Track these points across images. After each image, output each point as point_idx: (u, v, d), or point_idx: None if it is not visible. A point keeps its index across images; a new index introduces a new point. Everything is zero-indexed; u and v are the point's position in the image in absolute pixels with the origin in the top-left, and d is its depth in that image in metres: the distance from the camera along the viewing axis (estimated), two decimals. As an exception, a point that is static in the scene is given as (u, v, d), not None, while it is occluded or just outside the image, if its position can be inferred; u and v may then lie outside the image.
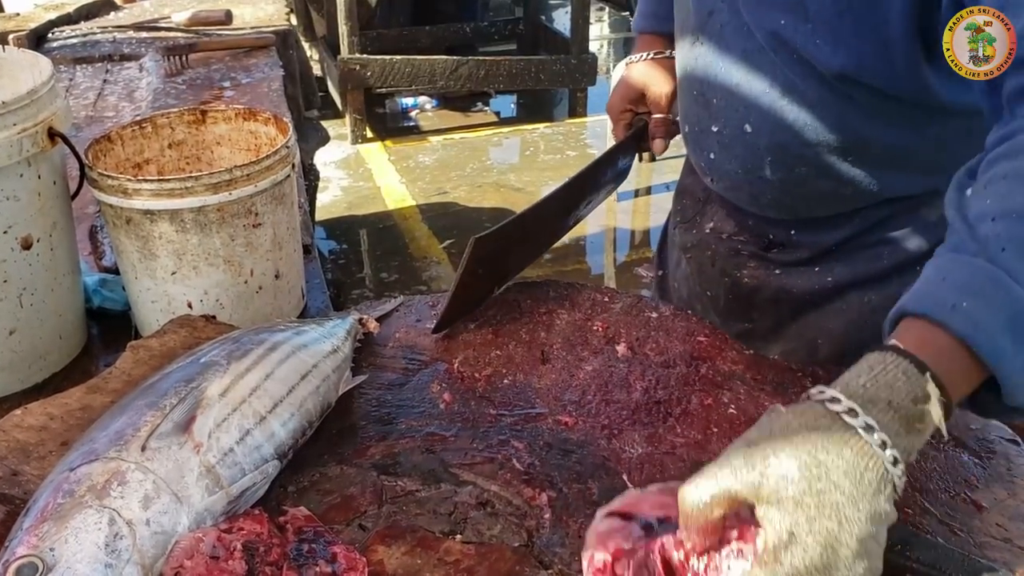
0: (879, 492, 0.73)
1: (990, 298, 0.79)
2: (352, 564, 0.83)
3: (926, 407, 0.76)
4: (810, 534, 0.71)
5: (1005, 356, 0.78)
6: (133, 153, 1.47)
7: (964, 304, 0.79)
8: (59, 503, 0.83)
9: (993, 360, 0.78)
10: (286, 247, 1.38)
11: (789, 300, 1.40)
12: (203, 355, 1.02)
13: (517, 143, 6.09)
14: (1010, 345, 0.78)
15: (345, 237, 4.87)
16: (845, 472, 0.73)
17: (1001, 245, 0.80)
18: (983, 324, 0.78)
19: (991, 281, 0.79)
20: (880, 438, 0.74)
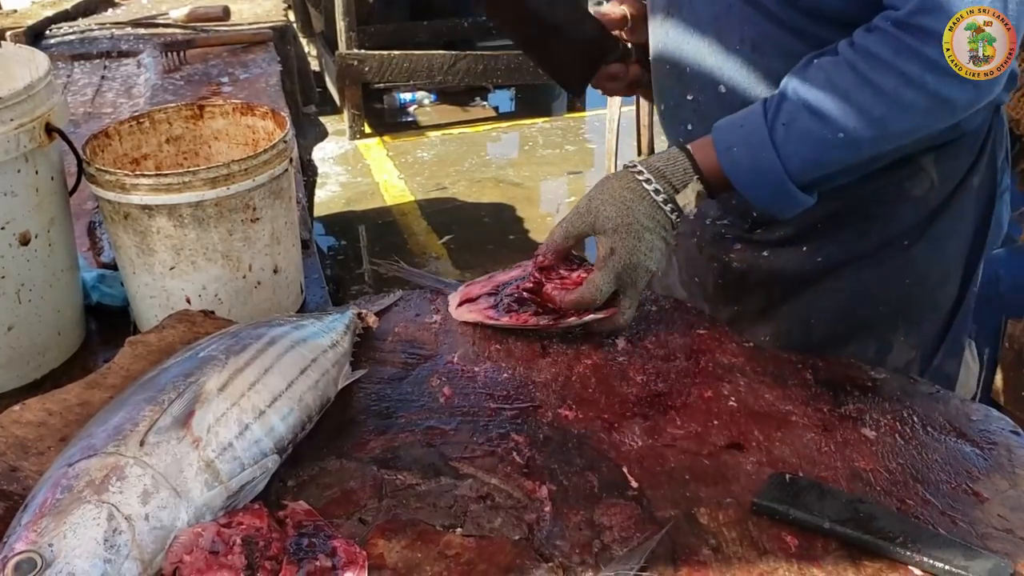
0: (662, 227, 1.19)
1: (753, 152, 1.15)
2: (352, 558, 0.82)
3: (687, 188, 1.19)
4: (623, 247, 1.18)
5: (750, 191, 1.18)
6: (131, 148, 1.47)
7: (735, 149, 1.17)
8: (57, 498, 0.82)
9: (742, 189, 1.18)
10: (284, 242, 1.38)
11: (781, 282, 1.40)
12: (201, 350, 1.02)
13: (516, 138, 6.09)
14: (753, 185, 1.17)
15: (344, 233, 4.87)
16: (644, 213, 1.18)
17: (784, 120, 1.13)
18: (739, 167, 1.17)
19: (760, 143, 1.14)
20: (663, 197, 1.18)
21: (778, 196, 1.17)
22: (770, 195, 1.17)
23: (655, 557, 0.86)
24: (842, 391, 1.12)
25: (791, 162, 1.13)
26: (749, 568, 0.86)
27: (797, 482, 0.94)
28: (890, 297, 1.35)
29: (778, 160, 1.13)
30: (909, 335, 1.36)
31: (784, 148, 1.13)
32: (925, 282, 1.34)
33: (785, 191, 1.16)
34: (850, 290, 1.35)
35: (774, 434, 1.05)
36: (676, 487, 0.97)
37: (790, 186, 1.15)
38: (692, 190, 1.18)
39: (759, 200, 1.18)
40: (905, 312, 1.35)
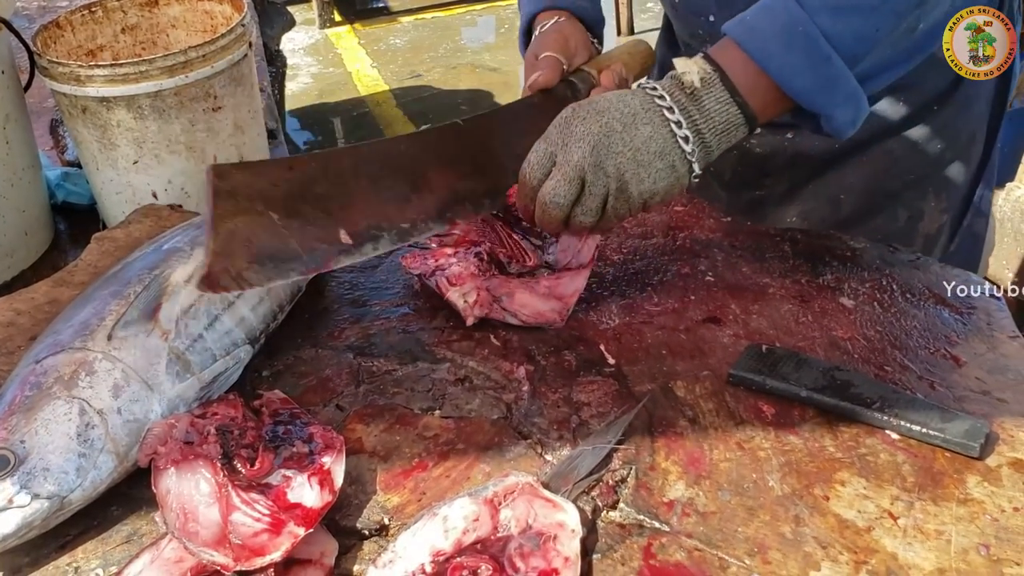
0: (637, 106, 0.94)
1: (773, 13, 0.93)
2: (330, 443, 0.82)
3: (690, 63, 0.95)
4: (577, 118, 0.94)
5: (775, 61, 0.93)
6: (85, 40, 1.41)
7: (748, 18, 0.95)
8: (27, 395, 0.81)
9: (766, 64, 0.93)
10: (249, 131, 1.34)
11: (805, 163, 1.34)
12: (165, 242, 1.00)
13: (492, 21, 5.94)
14: (780, 50, 0.93)
15: (318, 127, 4.78)
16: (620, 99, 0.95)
17: None
18: (761, 32, 0.94)
19: (779, 1, 0.93)
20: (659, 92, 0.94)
21: (816, 65, 0.93)
22: (807, 65, 0.93)
23: (632, 430, 0.87)
24: (820, 262, 1.11)
25: (820, 14, 0.92)
26: (726, 438, 0.86)
27: (774, 352, 0.94)
28: (920, 164, 1.30)
29: (802, 10, 0.92)
30: (939, 200, 1.33)
31: (816, 12, 0.92)
32: (955, 144, 1.30)
33: (822, 56, 0.93)
34: (880, 163, 1.30)
35: (751, 307, 1.04)
36: (653, 362, 0.96)
37: (826, 47, 0.92)
38: (692, 63, 0.95)
39: (794, 76, 0.93)
40: (934, 178, 1.32)
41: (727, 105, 0.95)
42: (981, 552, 0.74)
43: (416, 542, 0.74)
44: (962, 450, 0.83)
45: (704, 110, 0.94)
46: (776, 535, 0.77)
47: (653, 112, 0.94)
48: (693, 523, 0.78)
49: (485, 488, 0.78)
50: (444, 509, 0.76)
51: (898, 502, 0.79)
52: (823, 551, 0.75)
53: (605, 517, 0.79)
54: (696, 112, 0.94)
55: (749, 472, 0.83)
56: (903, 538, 0.76)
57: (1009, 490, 0.80)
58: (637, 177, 0.94)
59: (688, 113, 0.94)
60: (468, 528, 0.75)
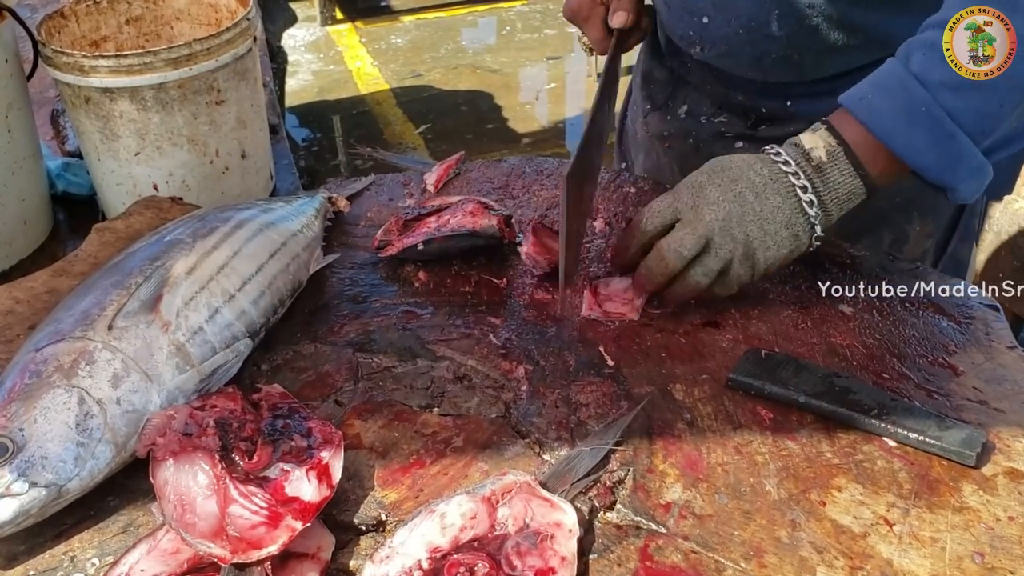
0: (768, 176, 0.98)
1: (893, 93, 0.95)
2: (328, 437, 0.82)
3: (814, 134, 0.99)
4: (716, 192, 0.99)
5: (899, 139, 0.95)
6: (89, 30, 1.41)
7: (870, 96, 0.97)
8: (26, 383, 0.81)
9: (890, 142, 0.95)
10: (251, 125, 1.34)
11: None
12: (168, 234, 0.99)
13: (493, 22, 5.94)
14: (903, 129, 0.95)
15: (318, 123, 4.78)
16: (745, 161, 1.00)
17: (923, 51, 0.95)
18: (882, 112, 0.95)
19: (899, 80, 0.95)
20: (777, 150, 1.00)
21: (939, 141, 0.94)
22: (929, 142, 0.94)
23: (630, 432, 0.87)
24: (820, 268, 1.12)
25: (942, 92, 0.93)
26: (724, 441, 0.86)
27: (773, 357, 0.94)
28: (908, 187, 1.30)
29: (924, 90, 0.93)
30: (925, 223, 1.33)
31: (928, 76, 0.94)
32: None
33: (945, 133, 0.94)
34: None
35: (751, 311, 1.04)
36: (652, 364, 0.97)
37: (949, 124, 0.94)
38: (818, 137, 0.99)
39: (916, 153, 0.95)
40: (921, 201, 1.31)
41: (851, 177, 0.98)
42: (976, 560, 0.75)
43: (413, 538, 0.74)
44: (958, 459, 0.83)
45: (828, 181, 0.98)
46: (772, 539, 0.77)
47: (781, 183, 0.98)
48: (690, 526, 0.78)
49: (483, 486, 0.78)
50: (442, 506, 0.76)
51: (894, 509, 0.79)
52: (819, 556, 0.75)
53: (602, 518, 0.79)
54: (820, 183, 0.98)
55: (746, 476, 0.83)
56: (898, 545, 0.76)
57: (1004, 499, 0.80)
58: (764, 245, 0.98)
59: (813, 182, 0.98)
60: (465, 526, 0.75)
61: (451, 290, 1.10)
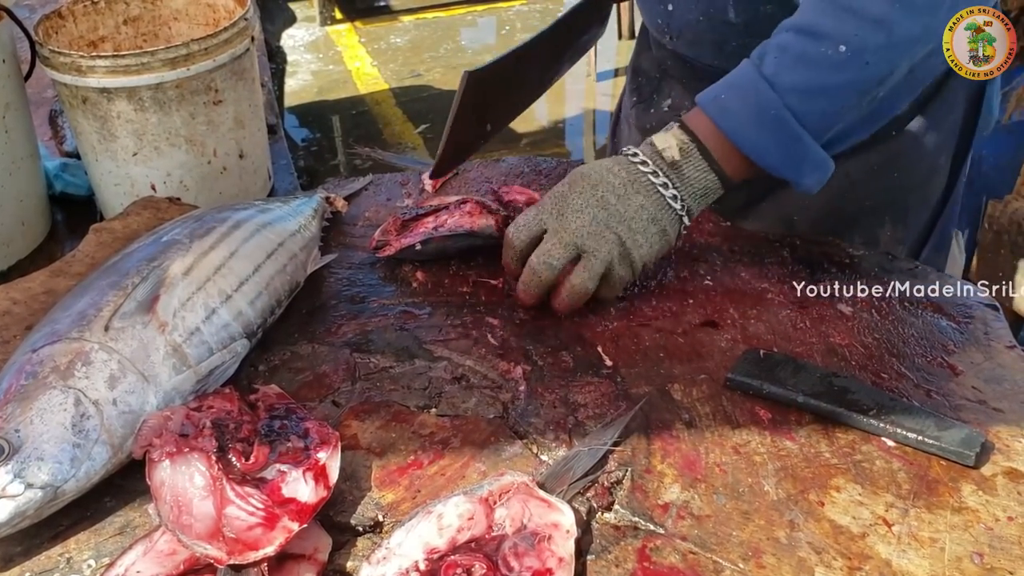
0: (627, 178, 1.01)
1: (745, 95, 0.99)
2: (325, 438, 0.82)
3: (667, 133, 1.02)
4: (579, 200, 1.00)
5: (748, 140, 0.99)
6: (87, 31, 1.41)
7: (723, 96, 1.00)
8: (22, 384, 0.81)
9: (740, 143, 0.99)
10: (249, 126, 1.34)
11: (765, 176, 1.35)
12: (164, 234, 0.99)
13: (492, 22, 5.94)
14: (753, 131, 0.99)
15: (317, 123, 4.77)
16: (605, 167, 1.02)
17: (775, 54, 0.98)
18: (734, 114, 0.99)
19: (751, 82, 0.98)
20: (634, 151, 1.03)
21: (785, 143, 0.99)
22: (776, 144, 0.99)
23: (629, 432, 0.87)
24: (819, 268, 1.12)
25: (790, 95, 0.97)
26: (722, 442, 0.86)
27: (771, 357, 0.94)
28: (877, 191, 1.30)
29: (774, 93, 0.97)
30: (896, 229, 1.33)
31: (778, 80, 0.97)
32: (913, 174, 1.29)
33: (791, 135, 0.99)
34: (836, 185, 1.30)
35: (749, 311, 1.04)
36: (650, 365, 0.96)
37: (796, 127, 0.98)
38: (671, 136, 1.02)
39: (764, 154, 1.00)
40: (892, 206, 1.31)
41: (706, 173, 1.02)
42: (975, 560, 0.74)
43: (410, 539, 0.74)
44: (957, 459, 0.83)
45: (684, 178, 1.02)
46: (770, 540, 0.77)
47: (640, 183, 1.01)
48: (688, 526, 0.78)
49: (480, 487, 0.78)
50: (439, 507, 0.76)
51: (893, 509, 0.79)
52: (817, 556, 0.75)
53: (600, 518, 0.79)
54: (677, 180, 1.02)
55: (745, 476, 0.83)
56: (897, 545, 0.76)
57: (1004, 499, 0.80)
58: (636, 243, 1.01)
59: (671, 179, 1.01)
60: (463, 526, 0.75)
61: (449, 290, 1.10)
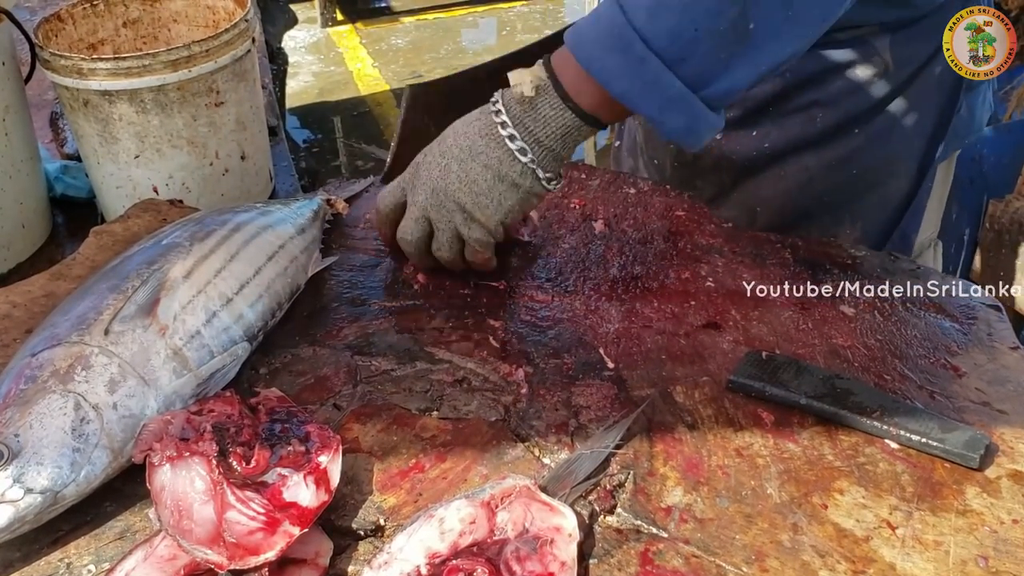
0: (488, 144, 0.98)
1: (598, 18, 0.92)
2: (326, 442, 0.81)
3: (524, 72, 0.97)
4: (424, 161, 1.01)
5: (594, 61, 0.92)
6: (86, 33, 1.40)
7: (580, 24, 0.95)
8: (21, 389, 0.80)
9: (585, 64, 0.93)
10: (251, 127, 1.33)
11: (730, 166, 1.33)
12: (165, 237, 0.99)
13: (493, 23, 5.93)
14: (600, 52, 0.91)
15: (318, 125, 4.77)
16: (464, 133, 0.99)
17: None
18: (581, 37, 0.93)
19: (606, 5, 0.91)
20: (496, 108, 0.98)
21: (634, 68, 0.90)
22: (624, 68, 0.90)
23: (631, 435, 0.86)
24: (821, 269, 1.11)
25: (636, 13, 0.89)
26: (725, 444, 0.86)
27: (774, 359, 0.94)
28: (834, 187, 1.29)
29: (622, 14, 0.89)
30: (854, 230, 1.32)
31: (634, 13, 0.89)
32: (870, 174, 1.28)
33: (639, 59, 0.89)
34: (793, 178, 1.29)
35: (751, 313, 1.04)
36: (652, 367, 0.96)
37: (642, 48, 0.89)
38: (526, 73, 0.97)
39: (614, 79, 0.92)
40: (850, 203, 1.31)
41: (561, 111, 0.96)
42: (979, 564, 0.74)
43: (412, 543, 0.73)
44: (961, 461, 0.83)
45: (541, 118, 0.97)
46: (774, 543, 0.76)
47: (490, 138, 0.99)
48: (691, 529, 0.78)
49: (482, 490, 0.77)
50: (440, 511, 0.76)
51: (897, 512, 0.79)
52: (821, 560, 0.75)
53: (602, 522, 0.79)
54: (532, 121, 0.97)
55: (748, 479, 0.82)
56: (901, 548, 0.75)
57: (1008, 502, 0.79)
58: (479, 205, 1.00)
59: (524, 124, 0.97)
60: (464, 530, 0.74)
61: (450, 293, 1.10)
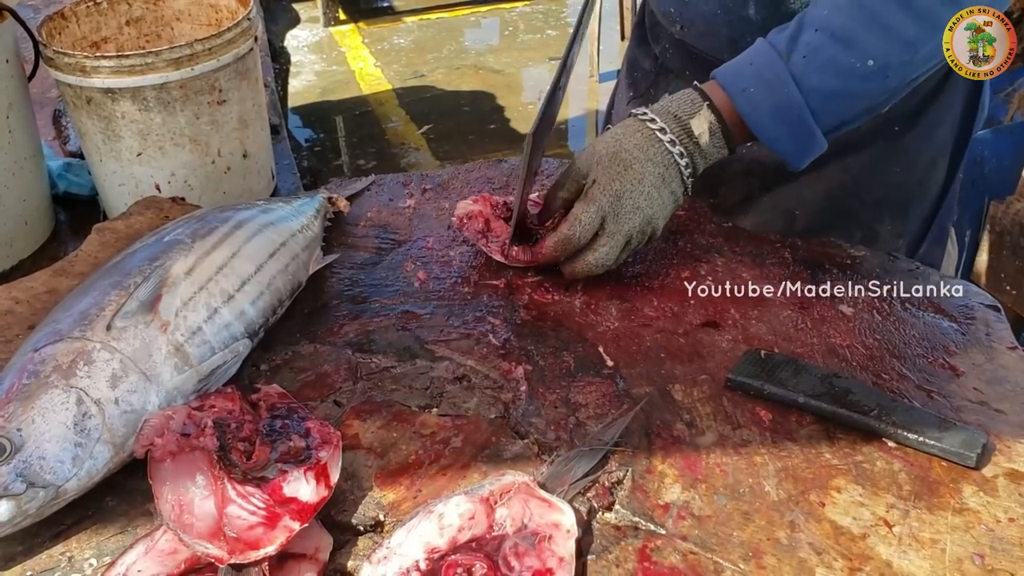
0: (660, 160, 1.06)
1: (772, 91, 1.04)
2: (326, 438, 0.82)
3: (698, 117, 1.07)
4: (605, 175, 1.04)
5: (767, 132, 1.06)
6: (90, 31, 1.41)
7: (751, 90, 1.05)
8: (24, 384, 0.81)
9: (758, 133, 1.06)
10: (253, 125, 1.34)
11: (761, 171, 1.34)
12: (167, 234, 0.99)
13: (496, 23, 5.94)
14: (772, 125, 1.06)
15: (320, 124, 4.78)
16: (636, 144, 1.06)
17: (804, 53, 1.03)
18: (758, 108, 1.05)
19: (778, 80, 1.04)
20: (661, 125, 1.06)
21: (798, 137, 1.06)
22: (790, 137, 1.06)
23: (629, 432, 0.87)
24: (820, 269, 1.12)
25: (813, 97, 1.04)
26: (723, 442, 0.86)
27: (772, 358, 0.94)
28: (877, 185, 1.31)
29: (799, 94, 1.03)
30: (896, 223, 1.34)
31: (805, 81, 1.03)
32: (914, 169, 1.30)
33: (807, 132, 1.06)
34: (836, 180, 1.31)
35: (750, 312, 1.04)
36: (651, 365, 0.97)
37: (812, 125, 1.05)
38: (703, 119, 1.07)
39: (777, 143, 1.07)
40: (892, 201, 1.32)
41: (722, 148, 1.09)
42: (976, 562, 0.74)
43: (411, 539, 0.74)
44: (958, 460, 0.83)
45: (703, 151, 1.08)
46: (771, 540, 0.77)
47: (672, 167, 1.07)
48: (688, 526, 0.78)
49: (481, 487, 0.78)
50: (440, 507, 0.76)
51: (894, 510, 0.79)
52: (818, 557, 0.75)
53: (601, 518, 0.79)
54: (696, 153, 1.08)
55: (745, 477, 0.83)
56: (898, 546, 0.76)
57: (1005, 500, 0.80)
58: (659, 226, 1.08)
59: (691, 153, 1.08)
60: (463, 526, 0.75)
61: (450, 291, 1.10)
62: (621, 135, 1.07)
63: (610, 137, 1.08)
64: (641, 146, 1.06)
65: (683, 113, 1.07)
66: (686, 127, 1.07)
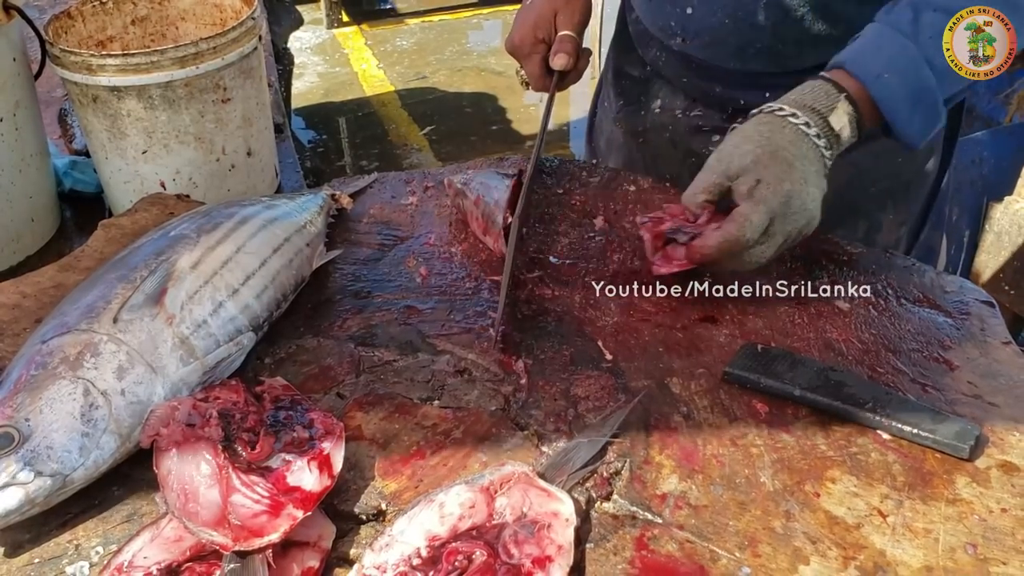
0: (813, 157, 1.03)
1: (907, 76, 1.03)
2: (330, 429, 0.83)
3: (837, 110, 1.04)
4: (771, 174, 0.99)
5: (901, 117, 1.04)
6: (95, 31, 1.43)
7: (886, 76, 1.03)
8: (32, 375, 0.82)
9: (893, 120, 1.04)
10: (257, 124, 1.35)
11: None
12: (173, 229, 1.01)
13: (498, 25, 5.95)
14: (907, 110, 1.04)
15: (323, 125, 4.79)
16: (790, 141, 1.02)
17: (930, 34, 1.02)
18: (895, 94, 1.03)
19: (912, 63, 1.03)
20: (814, 130, 1.03)
21: (930, 119, 1.05)
22: (923, 119, 1.05)
23: (628, 424, 0.88)
24: (817, 265, 1.13)
25: (946, 81, 1.03)
26: (720, 434, 0.87)
27: (769, 351, 0.95)
28: (882, 176, 1.32)
29: (933, 78, 1.02)
30: (898, 212, 1.35)
31: (937, 62, 1.02)
32: (914, 157, 1.31)
33: (937, 113, 1.05)
34: (844, 174, 1.31)
35: (748, 307, 1.05)
36: (650, 359, 0.98)
37: (941, 105, 1.05)
38: (843, 111, 1.04)
39: (908, 126, 1.05)
40: (894, 189, 1.34)
41: (853, 138, 1.07)
42: (968, 551, 0.75)
43: (412, 527, 0.75)
44: (952, 451, 0.84)
45: (841, 144, 1.06)
46: (767, 529, 0.78)
47: (820, 163, 1.04)
48: (685, 516, 0.79)
49: (482, 476, 0.79)
50: (441, 496, 0.77)
51: (888, 500, 0.80)
52: (812, 546, 0.76)
53: (599, 508, 0.80)
54: (836, 146, 1.06)
55: (742, 468, 0.84)
56: (892, 535, 0.77)
57: (997, 491, 0.81)
58: (815, 226, 1.05)
59: (832, 146, 1.05)
60: (464, 515, 0.76)
61: (452, 286, 1.12)
62: (769, 133, 1.03)
63: (755, 135, 1.04)
64: (795, 143, 1.03)
65: (821, 106, 1.04)
66: (826, 120, 1.04)
